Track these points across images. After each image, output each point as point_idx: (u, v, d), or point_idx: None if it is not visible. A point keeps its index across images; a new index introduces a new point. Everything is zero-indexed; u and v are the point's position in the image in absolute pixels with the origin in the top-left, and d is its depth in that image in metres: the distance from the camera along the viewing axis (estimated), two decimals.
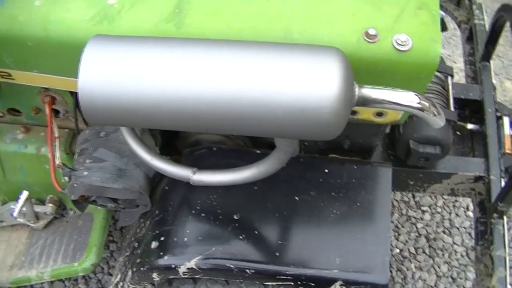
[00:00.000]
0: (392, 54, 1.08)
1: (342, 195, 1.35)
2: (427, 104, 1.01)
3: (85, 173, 1.39)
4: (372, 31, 1.09)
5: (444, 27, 1.75)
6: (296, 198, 1.35)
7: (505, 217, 1.50)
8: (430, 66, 1.10)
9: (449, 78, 1.60)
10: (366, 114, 1.23)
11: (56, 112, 1.53)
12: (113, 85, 0.95)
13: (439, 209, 2.34)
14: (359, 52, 1.09)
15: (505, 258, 1.46)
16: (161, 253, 1.31)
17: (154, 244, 1.35)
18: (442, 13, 1.78)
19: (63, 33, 1.15)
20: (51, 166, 1.48)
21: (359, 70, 1.10)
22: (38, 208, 1.68)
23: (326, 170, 1.39)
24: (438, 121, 1.03)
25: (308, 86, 0.91)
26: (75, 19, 1.15)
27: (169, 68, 0.94)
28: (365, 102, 0.99)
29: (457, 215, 2.33)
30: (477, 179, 1.61)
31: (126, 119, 1.00)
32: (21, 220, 1.65)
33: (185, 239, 1.31)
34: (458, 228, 2.29)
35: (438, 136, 1.48)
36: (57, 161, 1.47)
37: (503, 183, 1.57)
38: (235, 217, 1.33)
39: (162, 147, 1.59)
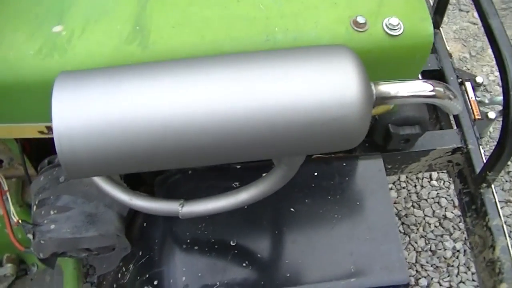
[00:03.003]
0: (385, 40, 1.00)
1: (339, 197, 1.26)
2: (441, 89, 0.92)
3: (52, 226, 1.21)
4: (360, 19, 0.99)
5: None
6: (292, 209, 1.24)
7: (493, 185, 1.47)
8: (424, 47, 1.03)
9: None
10: None
11: None
12: (98, 128, 0.80)
13: (403, 184, 2.31)
14: (351, 44, 0.98)
15: (502, 227, 1.42)
16: None
17: None
18: None
19: (6, 74, 0.97)
20: (6, 225, 1.29)
21: None
22: None
23: (315, 173, 1.29)
24: (456, 106, 0.95)
25: (326, 95, 0.80)
26: (17, 56, 0.97)
27: (163, 97, 0.80)
28: (384, 100, 0.89)
29: (422, 186, 2.30)
30: (455, 150, 1.56)
31: (117, 166, 0.85)
32: None
33: (183, 278, 1.17)
34: (426, 200, 2.26)
35: (416, 115, 1.41)
36: (15, 218, 1.28)
37: (482, 151, 1.54)
38: (232, 243, 1.20)
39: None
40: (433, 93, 0.91)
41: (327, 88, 0.80)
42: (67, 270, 1.46)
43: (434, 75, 1.68)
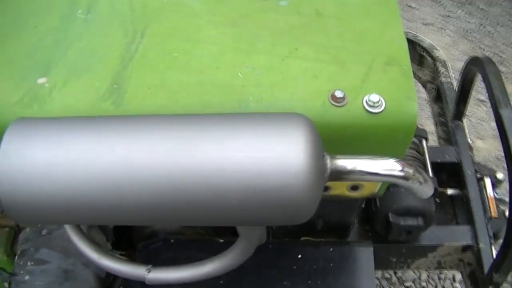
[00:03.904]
0: (364, 117, 0.95)
1: (320, 282, 1.18)
2: (411, 171, 0.87)
3: (27, 277, 1.20)
4: (338, 93, 0.96)
5: None
6: None
7: None
8: (407, 127, 0.97)
9: (423, 141, 1.48)
10: (339, 188, 1.09)
11: None
12: (37, 175, 0.79)
13: (423, 283, 2.17)
14: (326, 118, 0.95)
15: None
16: None
17: None
18: None
19: None
20: None
21: (328, 138, 0.95)
22: None
23: (300, 256, 1.22)
24: (426, 190, 0.89)
25: (268, 162, 0.76)
26: (0, 102, 1.00)
27: (102, 151, 0.79)
28: (340, 175, 0.84)
29: None
30: (465, 248, 1.46)
31: (53, 216, 0.84)
32: None
33: None
34: None
35: (420, 206, 1.34)
36: None
37: (494, 251, 1.43)
38: None
39: (117, 241, 1.41)
40: (400, 173, 0.86)
41: (269, 154, 0.76)
42: None
43: (452, 168, 1.61)
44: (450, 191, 1.58)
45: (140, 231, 1.39)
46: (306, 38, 1.05)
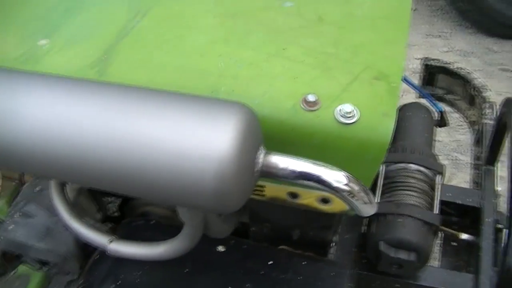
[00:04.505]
0: (333, 127, 0.92)
1: None
2: (356, 188, 0.83)
3: (11, 226, 1.27)
4: (311, 98, 0.93)
5: (444, 122, 1.58)
6: None
7: None
8: (379, 145, 0.92)
9: (438, 177, 1.40)
10: (308, 198, 1.05)
11: None
12: None
13: None
14: (293, 121, 0.93)
15: None
16: None
17: None
18: (442, 106, 1.62)
19: None
20: None
21: (292, 142, 0.94)
22: None
23: (271, 262, 1.20)
24: (367, 210, 0.85)
25: (192, 141, 0.75)
26: (1, 57, 1.07)
27: (44, 108, 0.82)
28: (271, 172, 0.82)
29: None
30: None
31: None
32: None
33: None
34: None
35: (414, 241, 1.26)
36: None
37: None
38: None
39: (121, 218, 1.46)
40: (344, 187, 0.82)
41: (196, 135, 0.75)
42: (32, 281, 1.49)
43: (472, 212, 1.51)
44: (464, 236, 1.48)
45: (133, 209, 1.42)
46: (298, 40, 1.04)
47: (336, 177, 0.82)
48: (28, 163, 0.85)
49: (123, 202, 1.46)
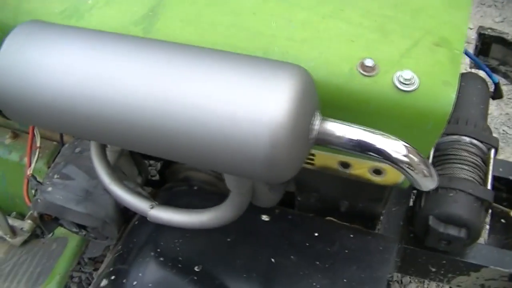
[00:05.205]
0: (391, 93, 0.86)
1: (328, 266, 1.11)
2: (416, 159, 0.77)
3: (49, 188, 1.25)
4: (369, 62, 0.87)
5: (498, 94, 1.50)
6: (272, 260, 1.12)
7: None
8: (439, 115, 0.86)
9: (492, 151, 1.33)
10: (360, 168, 1.00)
11: None
12: (31, 76, 0.81)
13: None
14: (349, 85, 0.88)
15: None
16: None
17: (104, 282, 1.16)
18: (497, 77, 1.53)
19: None
20: (25, 177, 1.36)
21: (346, 108, 0.89)
22: (16, 223, 1.54)
23: (316, 234, 1.15)
24: (427, 183, 0.79)
25: (245, 103, 0.71)
26: (45, 11, 1.03)
27: (88, 65, 0.78)
28: (326, 140, 0.77)
29: None
30: None
31: (40, 118, 0.84)
32: None
33: (134, 283, 1.12)
34: None
35: (465, 217, 1.20)
36: (29, 172, 1.33)
37: None
38: (196, 269, 1.11)
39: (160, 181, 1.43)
40: (404, 158, 0.77)
41: (249, 96, 0.71)
42: (70, 244, 1.48)
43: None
44: None
45: (175, 174, 1.39)
46: (356, 2, 0.98)
47: (396, 148, 0.77)
48: (71, 123, 0.82)
49: (164, 165, 1.43)
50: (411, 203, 1.41)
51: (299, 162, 0.76)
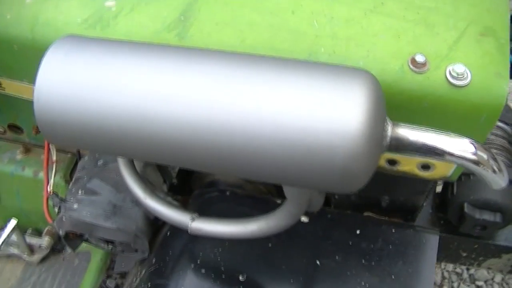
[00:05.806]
0: (445, 89, 0.84)
1: (374, 264, 1.09)
2: (485, 156, 0.76)
3: (75, 205, 1.19)
4: (420, 58, 0.85)
5: None
6: (317, 262, 1.10)
7: None
8: (493, 107, 0.85)
9: None
10: (408, 165, 0.98)
11: None
12: (76, 96, 0.76)
13: (496, 286, 2.00)
14: (401, 83, 0.85)
15: None
16: None
17: None
18: None
19: (50, 37, 0.97)
20: (44, 193, 1.30)
21: (400, 106, 0.87)
22: (33, 240, 1.49)
23: (358, 231, 1.13)
24: (498, 180, 0.78)
25: (320, 117, 0.68)
26: (65, 21, 0.98)
27: (145, 82, 0.74)
28: (400, 146, 0.75)
29: None
30: None
31: (86, 141, 0.80)
32: (14, 251, 1.48)
33: None
34: None
35: (500, 201, 1.20)
36: (49, 188, 1.28)
37: None
38: (241, 278, 1.08)
39: (179, 187, 1.38)
40: (473, 157, 0.75)
41: (323, 108, 0.68)
42: (94, 259, 1.44)
43: None
44: None
45: (200, 179, 1.35)
46: None
47: (466, 147, 0.75)
48: (127, 146, 0.77)
49: (185, 170, 1.38)
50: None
51: (372, 170, 0.73)
